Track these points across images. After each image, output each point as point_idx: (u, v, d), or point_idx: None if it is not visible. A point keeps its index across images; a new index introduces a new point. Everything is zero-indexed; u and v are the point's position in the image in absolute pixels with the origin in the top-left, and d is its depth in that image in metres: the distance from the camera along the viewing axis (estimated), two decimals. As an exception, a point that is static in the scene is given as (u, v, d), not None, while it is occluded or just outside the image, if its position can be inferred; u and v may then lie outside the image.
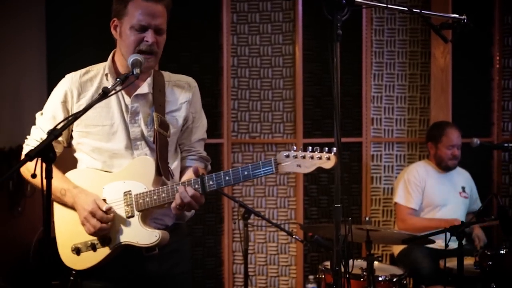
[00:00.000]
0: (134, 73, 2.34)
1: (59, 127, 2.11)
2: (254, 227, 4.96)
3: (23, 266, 4.28)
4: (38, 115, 2.61)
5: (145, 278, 2.52)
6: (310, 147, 2.35)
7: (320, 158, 2.32)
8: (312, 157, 2.33)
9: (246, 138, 5.02)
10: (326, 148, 2.33)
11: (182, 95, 2.62)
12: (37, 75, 4.68)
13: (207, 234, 4.95)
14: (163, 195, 2.43)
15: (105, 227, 2.42)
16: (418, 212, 4.51)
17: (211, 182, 2.40)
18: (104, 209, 2.42)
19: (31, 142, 2.60)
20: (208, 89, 4.91)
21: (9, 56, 4.38)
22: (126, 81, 2.33)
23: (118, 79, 2.30)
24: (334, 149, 2.32)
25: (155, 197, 2.43)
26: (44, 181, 1.98)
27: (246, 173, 2.38)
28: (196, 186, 2.40)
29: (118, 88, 2.30)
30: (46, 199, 1.97)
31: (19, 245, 4.35)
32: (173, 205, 2.40)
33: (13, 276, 4.16)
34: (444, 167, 4.56)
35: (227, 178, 2.39)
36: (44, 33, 4.74)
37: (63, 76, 2.59)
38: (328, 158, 2.31)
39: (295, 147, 2.36)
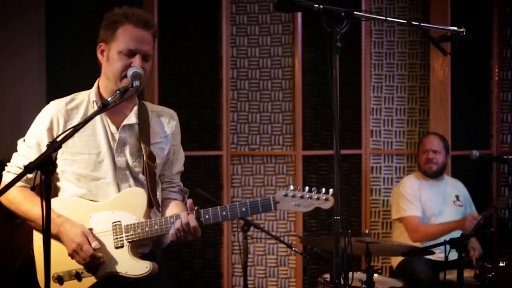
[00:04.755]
0: (134, 85, 2.34)
1: (58, 139, 2.08)
2: (254, 239, 4.94)
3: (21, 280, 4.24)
4: (20, 142, 2.56)
5: None
6: (307, 187, 2.42)
7: (318, 198, 2.38)
8: (310, 197, 2.39)
9: (246, 150, 5.01)
10: (324, 189, 2.39)
11: (166, 127, 2.64)
12: (37, 82, 4.64)
13: (206, 246, 4.93)
14: (156, 227, 2.44)
15: (98, 257, 2.39)
16: None
17: (207, 216, 2.44)
18: (93, 246, 2.39)
19: (12, 169, 2.54)
20: (207, 101, 4.91)
21: (9, 57, 4.36)
22: (125, 94, 2.31)
23: (118, 92, 2.28)
24: (331, 190, 2.37)
25: (147, 228, 2.44)
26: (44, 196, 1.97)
27: (244, 209, 2.42)
28: None
29: (118, 101, 2.28)
30: (46, 213, 1.96)
31: (17, 258, 4.32)
32: (172, 231, 2.41)
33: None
34: (424, 173, 4.60)
35: (223, 213, 2.43)
36: (44, 37, 4.72)
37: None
38: (326, 199, 2.38)
39: (292, 187, 2.42)
